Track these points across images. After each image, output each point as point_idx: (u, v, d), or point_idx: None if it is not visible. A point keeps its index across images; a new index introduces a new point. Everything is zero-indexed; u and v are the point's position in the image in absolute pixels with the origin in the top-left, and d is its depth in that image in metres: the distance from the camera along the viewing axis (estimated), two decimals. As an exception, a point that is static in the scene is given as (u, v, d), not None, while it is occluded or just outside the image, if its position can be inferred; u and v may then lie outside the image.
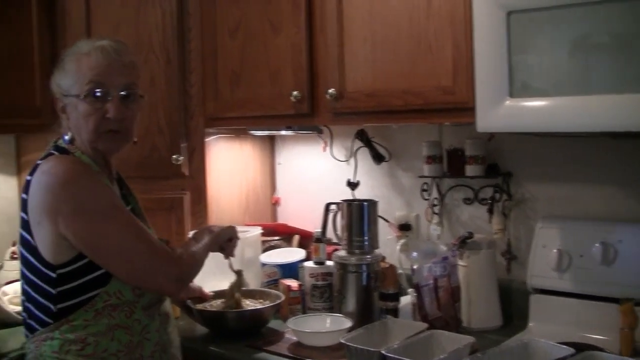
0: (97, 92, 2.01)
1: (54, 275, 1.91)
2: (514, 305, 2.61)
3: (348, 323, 2.43)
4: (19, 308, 2.74)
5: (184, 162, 3.05)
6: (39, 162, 1.99)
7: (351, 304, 2.59)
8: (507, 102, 2.04)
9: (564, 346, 2.00)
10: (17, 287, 2.80)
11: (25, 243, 1.96)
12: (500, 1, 2.01)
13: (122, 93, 2.05)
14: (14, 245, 3.13)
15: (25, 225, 1.96)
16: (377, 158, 3.01)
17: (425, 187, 2.87)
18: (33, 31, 2.95)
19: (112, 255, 1.94)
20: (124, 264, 1.95)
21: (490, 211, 2.67)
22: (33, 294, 1.95)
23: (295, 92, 2.67)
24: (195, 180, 3.09)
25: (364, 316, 2.54)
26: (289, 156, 3.48)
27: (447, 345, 2.13)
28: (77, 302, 1.92)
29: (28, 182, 1.96)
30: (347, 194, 3.00)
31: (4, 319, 2.74)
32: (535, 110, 2.00)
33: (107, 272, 1.94)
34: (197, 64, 3.05)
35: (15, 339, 2.61)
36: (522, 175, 2.64)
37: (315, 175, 3.34)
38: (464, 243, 2.55)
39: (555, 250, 2.40)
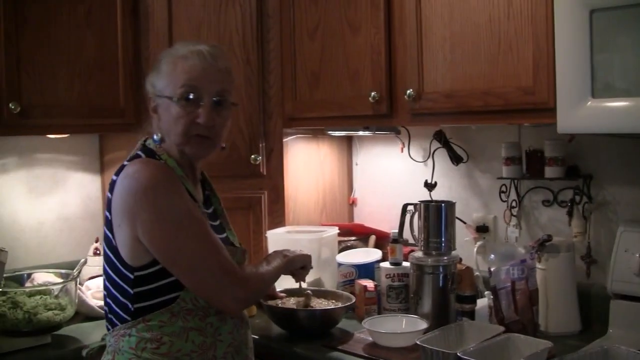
0: (190, 95, 2.00)
1: (131, 276, 1.92)
2: (593, 311, 2.56)
3: (424, 324, 2.42)
4: (101, 302, 2.83)
5: (262, 161, 3.09)
6: (125, 162, 1.99)
7: (427, 305, 2.58)
8: (589, 103, 2.00)
9: (645, 353, 1.96)
10: (99, 282, 2.89)
11: (108, 242, 1.98)
12: None
13: (214, 99, 2.03)
14: (97, 241, 3.22)
15: (108, 224, 1.97)
16: (455, 159, 2.99)
17: (503, 188, 2.84)
18: (118, 34, 3.03)
19: (183, 267, 1.93)
20: (193, 277, 1.93)
21: (570, 214, 2.62)
22: (113, 291, 1.97)
23: (373, 93, 2.67)
24: (273, 179, 3.12)
25: (440, 318, 2.53)
26: (366, 157, 3.49)
27: (523, 350, 2.10)
28: (154, 304, 1.93)
29: (113, 182, 1.96)
30: (425, 195, 2.99)
31: (87, 313, 2.83)
32: (617, 110, 1.96)
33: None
34: (276, 64, 3.09)
35: (98, 332, 2.69)
36: (603, 177, 2.58)
37: (393, 176, 3.33)
38: (543, 246, 2.51)
39: (637, 255, 2.34)
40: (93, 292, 2.88)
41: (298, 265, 2.33)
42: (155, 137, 2.08)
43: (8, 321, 2.46)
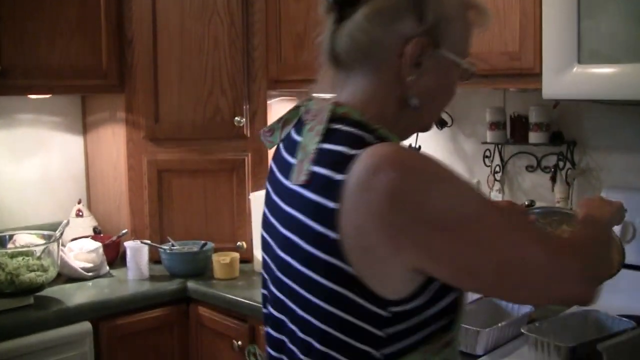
0: (474, 69, 1.40)
1: (384, 313, 1.23)
2: (575, 275, 2.58)
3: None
4: (84, 264, 2.83)
5: (245, 124, 3.08)
6: (331, 147, 1.24)
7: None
8: (575, 69, 2.00)
9: (625, 319, 1.98)
10: (82, 243, 2.89)
11: (325, 267, 1.24)
12: (570, -35, 1.97)
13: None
14: (79, 203, 3.21)
15: (325, 243, 1.22)
16: (440, 123, 2.97)
17: (487, 153, 2.84)
18: (100, -7, 3.00)
19: (491, 275, 1.23)
20: (516, 281, 1.25)
21: (553, 179, 2.63)
22: (337, 334, 1.26)
23: (358, 56, 2.65)
24: (257, 142, 3.10)
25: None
26: (350, 120, 3.47)
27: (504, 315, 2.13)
28: (414, 342, 1.29)
29: (337, 182, 1.20)
30: (408, 159, 2.99)
31: (70, 274, 2.84)
32: (602, 77, 1.96)
33: (454, 298, 1.31)
34: (261, 26, 3.06)
35: (81, 293, 2.70)
36: (587, 143, 2.59)
37: (376, 140, 3.32)
38: (526, 211, 2.53)
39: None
40: (76, 253, 2.87)
41: (623, 214, 1.75)
42: (414, 100, 1.33)
43: (-10, 282, 2.46)
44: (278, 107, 3.21)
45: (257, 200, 2.98)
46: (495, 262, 1.21)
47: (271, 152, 3.01)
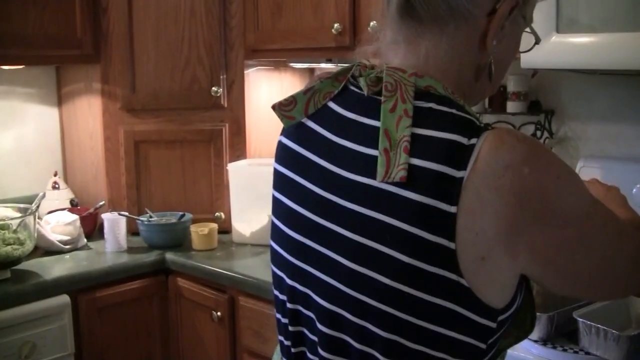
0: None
1: (493, 325, 1.07)
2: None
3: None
4: (61, 237, 2.81)
5: (223, 93, 3.05)
6: (433, 134, 1.03)
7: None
8: (554, 38, 1.99)
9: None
10: (59, 216, 2.87)
11: (430, 281, 1.02)
12: None
13: None
14: (55, 175, 3.18)
15: (434, 253, 1.01)
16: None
17: (465, 123, 2.84)
18: (73, -40, 2.94)
19: (594, 276, 1.12)
20: (608, 281, 1.15)
21: (531, 148, 2.63)
22: (434, 353, 1.06)
23: (336, 24, 2.63)
24: (234, 112, 3.09)
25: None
26: (328, 89, 3.45)
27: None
28: (495, 354, 1.15)
29: (455, 181, 0.99)
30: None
31: (47, 247, 2.82)
32: (581, 46, 1.95)
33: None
34: (238, -7, 3.02)
35: (59, 266, 2.68)
36: (565, 113, 2.59)
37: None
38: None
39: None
40: (52, 226, 2.85)
41: None
42: (493, 68, 1.15)
43: (-34, 256, 2.44)
44: (255, 77, 3.18)
45: (235, 171, 2.97)
46: (600, 257, 1.09)
47: (249, 122, 2.93)
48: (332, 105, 1.17)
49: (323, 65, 3.10)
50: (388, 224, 1.02)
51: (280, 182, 1.22)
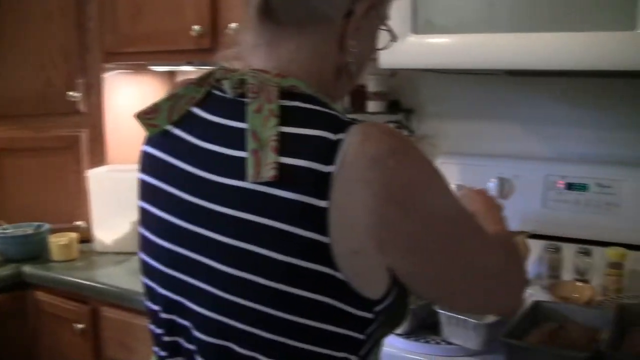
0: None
1: (370, 315, 1.09)
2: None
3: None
4: None
5: (80, 98, 2.96)
6: (300, 131, 1.02)
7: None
8: (410, 39, 2.04)
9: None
10: None
11: (308, 277, 1.03)
12: None
13: None
14: None
15: (311, 249, 1.01)
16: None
17: (328, 123, 2.86)
18: None
19: (456, 283, 1.12)
20: (470, 291, 1.16)
21: (392, 147, 2.69)
22: (311, 348, 1.06)
23: (196, 27, 2.60)
24: (93, 117, 3.00)
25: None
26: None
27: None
28: (373, 345, 1.16)
29: (325, 176, 0.99)
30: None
31: None
32: (437, 47, 2.01)
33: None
34: (95, -6, 2.93)
35: None
36: (423, 112, 2.66)
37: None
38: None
39: (454, 185, 2.44)
40: None
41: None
42: (353, 68, 1.17)
43: None
44: (114, 81, 3.10)
45: (95, 178, 2.88)
46: (463, 265, 1.10)
47: (109, 128, 2.84)
48: (196, 110, 1.14)
49: (183, 68, 3.06)
50: (261, 224, 1.01)
51: (147, 192, 1.19)
